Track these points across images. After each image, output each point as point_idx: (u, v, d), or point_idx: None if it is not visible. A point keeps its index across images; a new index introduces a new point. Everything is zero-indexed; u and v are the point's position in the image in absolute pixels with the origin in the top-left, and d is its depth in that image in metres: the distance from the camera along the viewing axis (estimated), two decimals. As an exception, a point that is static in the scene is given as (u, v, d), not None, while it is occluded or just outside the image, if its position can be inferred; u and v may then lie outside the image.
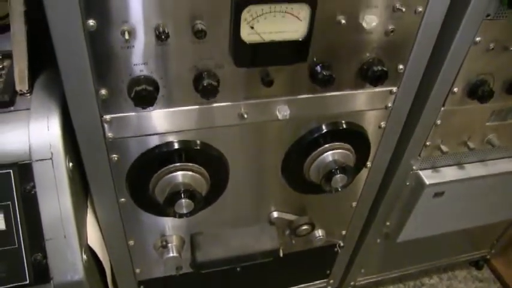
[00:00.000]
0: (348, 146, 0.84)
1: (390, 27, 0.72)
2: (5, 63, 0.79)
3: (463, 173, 1.05)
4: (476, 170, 1.06)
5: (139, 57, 0.63)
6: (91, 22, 0.58)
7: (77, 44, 0.60)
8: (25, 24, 0.68)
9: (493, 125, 1.00)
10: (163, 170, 0.75)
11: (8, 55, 0.80)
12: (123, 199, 0.80)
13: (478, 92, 0.87)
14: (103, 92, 0.65)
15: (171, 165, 0.75)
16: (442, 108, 0.90)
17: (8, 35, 0.86)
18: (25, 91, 0.74)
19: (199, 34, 0.60)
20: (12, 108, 0.72)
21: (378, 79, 0.74)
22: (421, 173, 1.01)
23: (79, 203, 0.76)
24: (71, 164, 0.71)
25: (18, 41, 0.69)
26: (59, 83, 0.68)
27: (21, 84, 0.73)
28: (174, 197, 0.74)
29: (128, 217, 0.84)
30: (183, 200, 0.74)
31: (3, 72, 0.78)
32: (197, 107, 0.71)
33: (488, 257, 1.57)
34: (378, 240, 1.21)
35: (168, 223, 0.89)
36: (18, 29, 0.67)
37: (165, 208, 0.76)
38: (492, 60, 0.85)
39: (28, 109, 0.71)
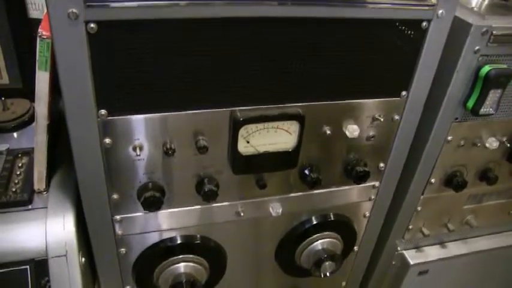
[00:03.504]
0: (335, 234, 0.92)
1: (371, 133, 0.81)
2: (23, 161, 0.87)
3: (445, 252, 1.12)
4: (458, 248, 1.13)
5: (148, 167, 0.71)
6: (107, 140, 0.67)
7: (95, 158, 0.68)
8: (47, 134, 0.76)
9: (470, 207, 1.08)
10: (166, 262, 0.82)
11: (26, 152, 0.88)
12: (128, 287, 0.86)
13: (453, 182, 0.96)
14: (115, 196, 0.73)
15: (174, 258, 0.82)
16: (422, 197, 0.99)
17: (26, 131, 0.96)
18: (42, 189, 0.82)
19: (202, 150, 0.69)
20: (30, 206, 0.79)
21: (361, 178, 0.83)
22: (405, 253, 1.09)
23: (88, 292, 0.82)
24: (83, 259, 0.78)
25: (39, 148, 0.77)
26: (74, 180, 0.76)
27: (39, 184, 0.81)
28: (176, 286, 0.81)
29: (132, 302, 0.90)
30: (185, 290, 0.81)
31: (22, 170, 0.85)
32: (198, 207, 0.79)
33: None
34: (368, 316, 1.26)
35: (170, 307, 0.95)
36: (41, 139, 0.76)
37: (168, 297, 0.82)
38: (464, 155, 0.95)
39: (45, 207, 0.79)
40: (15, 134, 0.95)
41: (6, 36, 1.00)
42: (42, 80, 0.70)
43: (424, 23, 0.73)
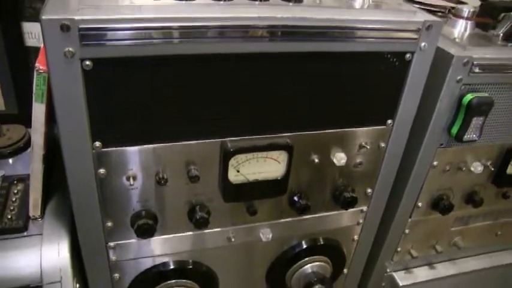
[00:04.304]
0: (325, 258, 0.94)
1: (358, 160, 0.84)
2: (19, 187, 0.88)
3: (434, 273, 1.14)
4: (446, 269, 1.15)
5: (141, 196, 0.74)
6: (102, 171, 0.69)
7: (89, 188, 0.70)
8: (43, 163, 0.78)
9: (457, 229, 1.10)
10: (160, 287, 0.84)
11: (22, 179, 0.90)
12: (122, 312, 0.88)
13: (439, 205, 0.99)
14: (109, 224, 0.75)
15: (166, 282, 0.84)
16: (409, 220, 1.01)
17: (21, 157, 0.98)
18: (37, 216, 0.83)
19: (194, 179, 0.71)
20: (25, 233, 0.80)
21: (348, 204, 0.85)
22: (394, 274, 1.11)
23: (82, 319, 0.83)
24: (77, 285, 0.79)
25: (35, 176, 0.79)
26: (68, 207, 0.78)
27: (34, 210, 0.82)
28: (169, 311, 0.83)
29: (126, 328, 0.91)
30: (178, 315, 0.82)
31: (17, 196, 0.86)
32: (190, 233, 0.81)
33: None
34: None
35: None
36: (36, 168, 0.78)
37: (161, 321, 0.84)
38: (449, 179, 0.97)
39: (40, 234, 0.80)
40: (10, 160, 0.96)
41: (3, 63, 1.02)
42: (38, 111, 0.72)
43: (408, 55, 0.76)
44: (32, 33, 1.02)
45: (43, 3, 0.62)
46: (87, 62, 0.59)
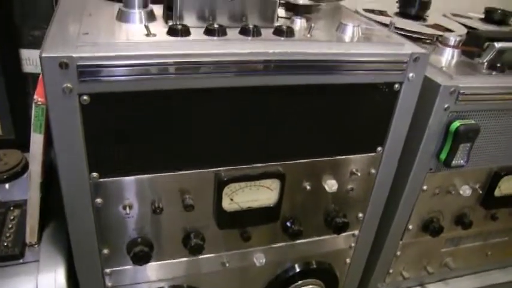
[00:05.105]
0: (318, 281, 0.95)
1: (349, 187, 0.86)
2: (15, 213, 0.89)
3: (425, 294, 1.16)
4: (438, 290, 1.18)
5: (137, 224, 0.75)
6: (99, 200, 0.71)
7: (86, 217, 0.71)
8: (40, 191, 0.80)
9: (447, 250, 1.12)
10: (155, 312, 0.85)
11: (18, 205, 0.91)
12: (117, 337, 0.88)
13: (429, 228, 1.01)
14: (105, 251, 0.76)
15: (162, 307, 0.85)
16: (401, 242, 1.03)
17: (18, 182, 0.99)
18: (34, 243, 0.84)
19: (188, 208, 0.73)
20: (21, 260, 0.81)
21: (340, 229, 0.87)
22: (386, 295, 1.12)
23: None
24: (73, 312, 0.80)
25: (32, 203, 0.80)
26: (65, 233, 0.79)
27: (31, 237, 0.83)
28: (164, 336, 0.84)
29: None
30: None
31: (13, 222, 0.87)
32: (185, 259, 0.82)
33: None
34: None
35: None
36: (34, 195, 0.79)
37: None
38: (439, 202, 0.99)
39: (36, 261, 0.81)
40: (7, 185, 0.97)
41: (1, 89, 1.04)
42: (37, 141, 0.74)
43: (396, 85, 0.78)
44: (30, 59, 1.04)
45: (41, 32, 0.64)
46: (85, 97, 0.61)
